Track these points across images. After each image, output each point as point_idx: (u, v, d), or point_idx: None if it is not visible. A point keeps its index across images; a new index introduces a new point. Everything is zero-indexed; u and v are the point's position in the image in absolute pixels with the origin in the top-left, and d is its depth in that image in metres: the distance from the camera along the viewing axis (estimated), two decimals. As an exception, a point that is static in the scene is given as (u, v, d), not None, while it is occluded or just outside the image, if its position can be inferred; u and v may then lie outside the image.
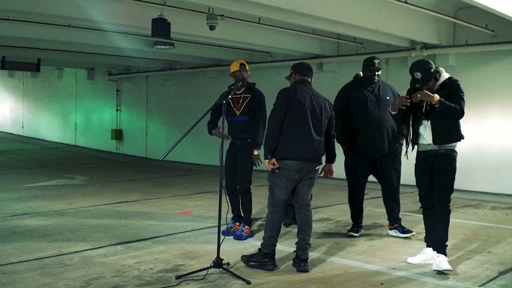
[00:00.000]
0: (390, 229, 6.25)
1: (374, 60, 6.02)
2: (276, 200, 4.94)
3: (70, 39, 9.98)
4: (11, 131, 22.62)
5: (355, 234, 6.17)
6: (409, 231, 6.16)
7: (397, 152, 6.17)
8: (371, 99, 6.02)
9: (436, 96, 4.63)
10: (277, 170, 4.87)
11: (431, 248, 4.98)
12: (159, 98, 15.92)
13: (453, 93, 4.76)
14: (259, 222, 6.89)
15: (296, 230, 5.11)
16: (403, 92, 6.24)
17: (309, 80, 5.11)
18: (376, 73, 6.02)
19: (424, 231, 5.19)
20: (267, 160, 4.88)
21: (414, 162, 5.07)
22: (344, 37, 10.41)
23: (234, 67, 6.16)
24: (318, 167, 5.03)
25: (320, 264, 5.03)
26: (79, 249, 5.45)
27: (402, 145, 6.02)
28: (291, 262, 4.99)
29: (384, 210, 6.32)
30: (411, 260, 5.11)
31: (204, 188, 10.03)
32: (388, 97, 6.05)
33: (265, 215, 7.44)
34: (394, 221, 6.22)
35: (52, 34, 9.74)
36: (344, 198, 6.10)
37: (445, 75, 4.88)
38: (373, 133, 6.00)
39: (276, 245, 4.97)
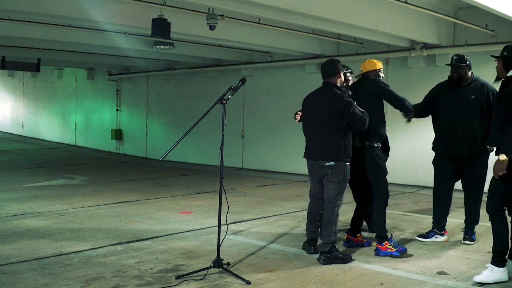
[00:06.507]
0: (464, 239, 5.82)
1: (453, 56, 5.71)
2: (310, 193, 5.44)
3: (70, 39, 9.99)
4: (11, 131, 22.61)
5: (423, 240, 5.85)
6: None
7: (481, 157, 5.64)
8: (451, 98, 5.64)
9: (501, 157, 4.22)
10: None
11: None
12: (159, 98, 15.93)
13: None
14: (261, 221, 6.91)
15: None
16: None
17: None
18: (452, 69, 5.67)
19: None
20: None
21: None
22: (344, 37, 10.42)
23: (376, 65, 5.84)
24: (329, 163, 5.06)
25: (320, 264, 5.03)
26: (79, 249, 5.45)
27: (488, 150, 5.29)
28: (291, 261, 5.02)
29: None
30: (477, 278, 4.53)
31: (204, 188, 10.03)
32: (473, 96, 5.54)
33: (268, 215, 7.45)
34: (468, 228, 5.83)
35: (52, 34, 9.74)
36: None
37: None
38: (448, 133, 5.66)
39: (312, 231, 5.37)
